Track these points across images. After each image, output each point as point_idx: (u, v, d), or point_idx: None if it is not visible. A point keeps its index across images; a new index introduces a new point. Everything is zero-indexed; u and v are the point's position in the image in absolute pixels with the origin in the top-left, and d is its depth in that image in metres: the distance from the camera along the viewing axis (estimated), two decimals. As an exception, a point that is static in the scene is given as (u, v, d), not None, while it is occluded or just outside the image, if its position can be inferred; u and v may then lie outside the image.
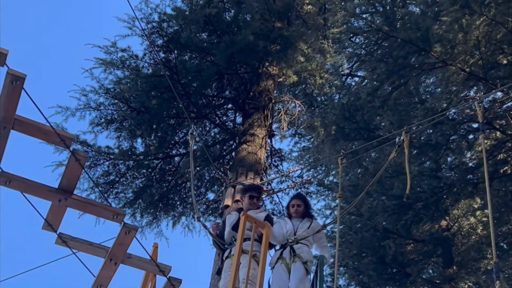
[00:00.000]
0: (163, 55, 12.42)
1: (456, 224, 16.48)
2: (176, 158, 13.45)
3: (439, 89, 13.46)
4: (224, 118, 13.90)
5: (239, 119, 13.55)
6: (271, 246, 8.62)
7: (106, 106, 12.52)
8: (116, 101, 12.48)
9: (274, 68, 13.22)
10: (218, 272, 8.70)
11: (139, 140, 13.04)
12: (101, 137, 13.07)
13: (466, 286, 16.29)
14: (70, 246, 4.94)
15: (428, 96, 14.71)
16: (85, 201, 5.00)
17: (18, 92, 4.28)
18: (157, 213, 13.84)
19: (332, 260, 8.64)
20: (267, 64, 12.94)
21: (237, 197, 10.51)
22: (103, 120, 12.62)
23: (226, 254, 8.37)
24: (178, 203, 13.98)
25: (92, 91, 12.43)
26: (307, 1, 14.39)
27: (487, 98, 12.34)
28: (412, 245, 16.55)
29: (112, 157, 12.78)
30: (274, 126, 13.52)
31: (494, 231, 6.17)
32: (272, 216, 11.77)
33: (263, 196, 11.42)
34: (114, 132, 12.79)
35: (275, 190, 12.98)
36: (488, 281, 15.55)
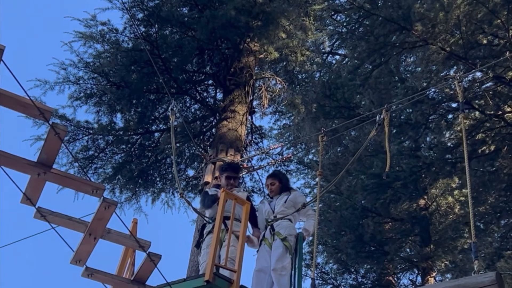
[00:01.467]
0: (143, 29, 12.29)
1: (434, 203, 16.63)
2: (156, 134, 13.38)
3: (419, 68, 13.50)
4: (205, 94, 13.83)
5: (219, 96, 13.50)
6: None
7: (86, 80, 12.41)
8: (95, 75, 12.36)
9: (255, 44, 13.15)
10: (197, 245, 8.65)
11: (119, 115, 12.96)
12: (80, 111, 12.94)
13: (443, 264, 16.49)
14: (49, 220, 4.89)
15: (408, 75, 14.75)
16: (64, 175, 4.95)
17: (-3, 63, 4.21)
18: (137, 189, 13.78)
19: (313, 231, 8.52)
20: (248, 40, 12.86)
21: (217, 174, 10.50)
22: (82, 94, 12.50)
23: (208, 228, 8.29)
24: (158, 179, 13.93)
25: (71, 65, 12.32)
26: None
27: (466, 78, 12.38)
28: (390, 223, 16.70)
29: (91, 132, 12.69)
30: (255, 103, 13.48)
31: (472, 211, 6.20)
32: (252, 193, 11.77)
33: (243, 174, 11.41)
34: (94, 106, 12.69)
35: (255, 167, 12.97)
36: (464, 260, 15.73)
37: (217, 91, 13.63)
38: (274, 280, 7.79)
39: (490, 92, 12.45)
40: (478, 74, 12.43)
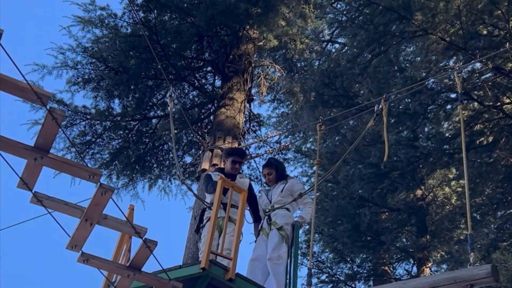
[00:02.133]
0: (142, 14, 12.24)
1: (431, 194, 16.64)
2: (154, 120, 13.35)
3: (419, 58, 13.46)
4: (203, 81, 13.79)
5: (218, 83, 13.45)
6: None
7: (84, 65, 12.36)
8: (94, 60, 12.32)
9: (255, 31, 13.09)
10: (197, 230, 8.61)
11: (117, 100, 12.91)
12: (78, 96, 12.94)
13: (439, 255, 16.51)
14: (46, 205, 4.86)
15: (407, 64, 14.70)
16: (61, 160, 4.91)
17: (-5, 46, 4.16)
18: (134, 175, 13.76)
19: (310, 219, 8.49)
20: (247, 27, 12.81)
21: (215, 161, 10.47)
22: (80, 79, 12.46)
23: (209, 214, 8.07)
24: (155, 165, 13.92)
25: (69, 50, 12.28)
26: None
27: (466, 69, 12.35)
28: (387, 213, 16.70)
29: (88, 117, 12.65)
30: (253, 90, 13.44)
31: (469, 202, 6.18)
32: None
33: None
34: (91, 91, 12.64)
35: (253, 155, 12.96)
36: (460, 251, 15.75)
37: (216, 78, 13.60)
38: (269, 269, 7.79)
39: (489, 83, 12.43)
40: (478, 65, 12.40)
